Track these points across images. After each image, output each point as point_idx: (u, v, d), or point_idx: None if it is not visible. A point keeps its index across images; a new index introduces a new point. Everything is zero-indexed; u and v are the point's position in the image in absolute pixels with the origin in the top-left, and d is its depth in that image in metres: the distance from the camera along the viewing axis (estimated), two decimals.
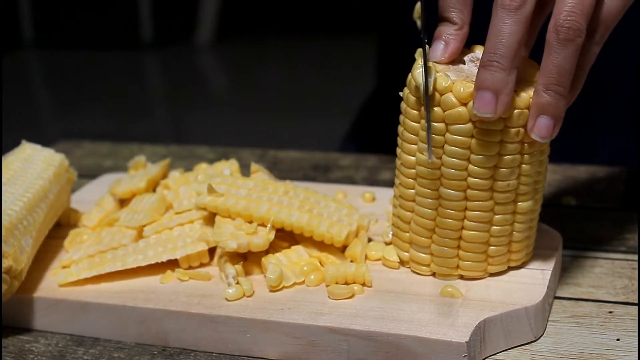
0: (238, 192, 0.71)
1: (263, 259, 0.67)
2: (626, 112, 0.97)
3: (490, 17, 0.58)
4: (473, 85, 0.58)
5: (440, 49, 0.61)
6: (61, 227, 0.78)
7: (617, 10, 0.60)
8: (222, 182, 0.72)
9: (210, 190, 0.70)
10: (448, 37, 0.61)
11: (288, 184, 0.74)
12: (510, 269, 0.65)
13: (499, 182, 0.61)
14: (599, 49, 0.61)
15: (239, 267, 0.66)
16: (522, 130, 0.59)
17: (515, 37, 0.57)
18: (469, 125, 0.59)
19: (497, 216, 0.62)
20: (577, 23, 0.56)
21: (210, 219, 0.71)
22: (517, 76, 0.58)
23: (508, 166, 0.60)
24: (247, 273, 0.67)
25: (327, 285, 0.64)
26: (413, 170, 0.63)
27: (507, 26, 0.57)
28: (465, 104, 0.59)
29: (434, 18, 0.62)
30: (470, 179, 0.61)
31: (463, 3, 0.60)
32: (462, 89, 0.59)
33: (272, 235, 0.67)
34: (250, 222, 0.68)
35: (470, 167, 0.60)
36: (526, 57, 0.63)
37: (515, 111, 0.59)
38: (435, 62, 0.61)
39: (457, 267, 0.65)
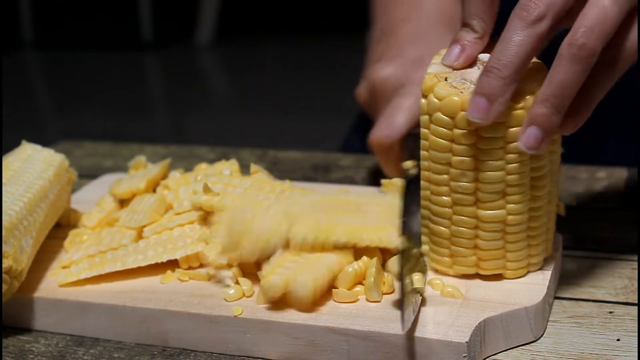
0: (234, 191, 0.70)
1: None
2: (627, 115, 0.97)
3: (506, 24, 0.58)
4: (447, 88, 0.59)
5: (455, 53, 0.61)
6: (61, 227, 0.78)
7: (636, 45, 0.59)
8: (218, 181, 0.72)
9: (206, 189, 0.70)
10: (466, 43, 0.61)
11: (287, 184, 0.74)
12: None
13: (452, 181, 0.62)
14: (612, 82, 0.60)
15: (235, 268, 0.66)
16: (468, 133, 0.59)
17: (524, 49, 0.57)
18: (426, 117, 0.61)
19: (455, 216, 0.63)
20: (592, 42, 0.56)
21: (209, 219, 0.71)
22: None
23: (458, 167, 0.60)
24: (246, 273, 0.67)
25: (336, 288, 0.63)
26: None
27: (518, 37, 0.56)
28: (426, 96, 0.61)
29: None
30: (430, 173, 0.62)
31: (487, 13, 0.60)
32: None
33: None
34: None
35: (430, 161, 0.62)
36: (542, 66, 0.62)
37: (462, 113, 0.59)
38: (448, 65, 0.61)
39: (430, 258, 0.66)
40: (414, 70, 0.81)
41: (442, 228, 0.64)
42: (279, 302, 0.62)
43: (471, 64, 0.61)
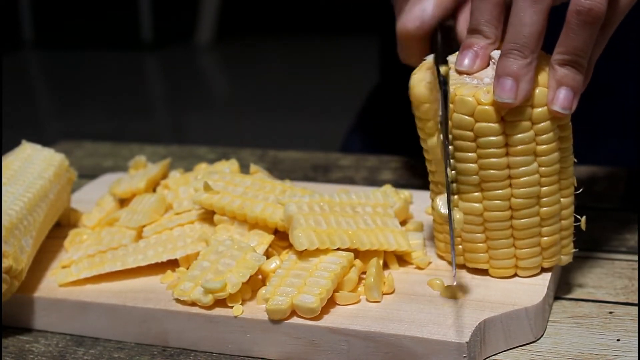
0: (235, 190, 0.70)
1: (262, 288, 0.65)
2: (627, 114, 0.97)
3: (511, 7, 0.59)
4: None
5: (470, 59, 0.61)
6: (61, 227, 0.78)
7: (629, 1, 0.60)
8: (220, 179, 0.72)
9: (207, 187, 0.70)
10: (479, 50, 0.61)
11: (287, 184, 0.74)
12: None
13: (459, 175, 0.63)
14: (607, 40, 0.61)
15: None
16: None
17: (536, 27, 0.58)
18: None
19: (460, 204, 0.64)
20: (600, 5, 0.57)
21: (209, 218, 0.71)
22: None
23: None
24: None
25: (337, 292, 0.63)
26: None
27: (527, 16, 0.58)
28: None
29: None
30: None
31: (498, 19, 0.61)
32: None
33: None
34: (244, 221, 0.69)
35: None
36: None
37: (479, 107, 0.59)
38: (464, 71, 0.61)
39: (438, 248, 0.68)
40: None
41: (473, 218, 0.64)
42: None
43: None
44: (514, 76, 0.58)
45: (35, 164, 0.74)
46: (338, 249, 0.64)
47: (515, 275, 0.65)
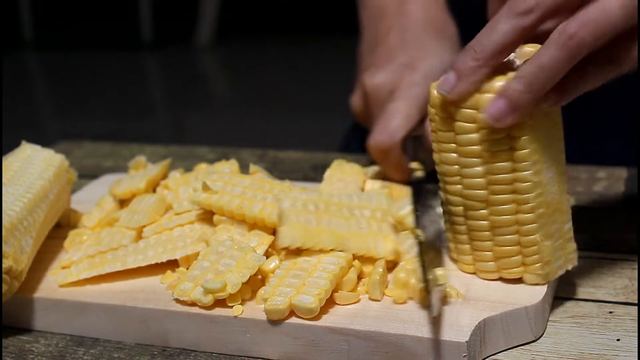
0: (233, 190, 0.70)
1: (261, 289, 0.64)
2: (627, 114, 0.97)
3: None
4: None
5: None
6: (61, 227, 0.78)
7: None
8: (218, 179, 0.72)
9: (205, 187, 0.70)
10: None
11: (287, 184, 0.74)
12: None
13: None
14: (603, 81, 0.59)
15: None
16: None
17: (505, 38, 0.57)
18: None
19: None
20: (583, 34, 0.55)
21: (209, 219, 0.71)
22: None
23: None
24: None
25: (336, 292, 0.63)
26: None
27: (502, 25, 0.57)
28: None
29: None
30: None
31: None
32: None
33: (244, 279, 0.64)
34: (243, 220, 0.69)
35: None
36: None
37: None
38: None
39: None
40: (404, 75, 0.81)
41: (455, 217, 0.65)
42: None
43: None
44: (457, 72, 0.58)
45: (35, 165, 0.74)
46: (332, 250, 0.64)
47: (501, 278, 0.64)
